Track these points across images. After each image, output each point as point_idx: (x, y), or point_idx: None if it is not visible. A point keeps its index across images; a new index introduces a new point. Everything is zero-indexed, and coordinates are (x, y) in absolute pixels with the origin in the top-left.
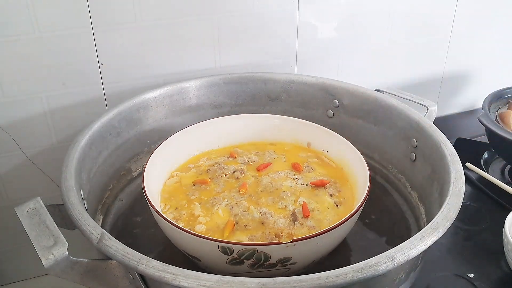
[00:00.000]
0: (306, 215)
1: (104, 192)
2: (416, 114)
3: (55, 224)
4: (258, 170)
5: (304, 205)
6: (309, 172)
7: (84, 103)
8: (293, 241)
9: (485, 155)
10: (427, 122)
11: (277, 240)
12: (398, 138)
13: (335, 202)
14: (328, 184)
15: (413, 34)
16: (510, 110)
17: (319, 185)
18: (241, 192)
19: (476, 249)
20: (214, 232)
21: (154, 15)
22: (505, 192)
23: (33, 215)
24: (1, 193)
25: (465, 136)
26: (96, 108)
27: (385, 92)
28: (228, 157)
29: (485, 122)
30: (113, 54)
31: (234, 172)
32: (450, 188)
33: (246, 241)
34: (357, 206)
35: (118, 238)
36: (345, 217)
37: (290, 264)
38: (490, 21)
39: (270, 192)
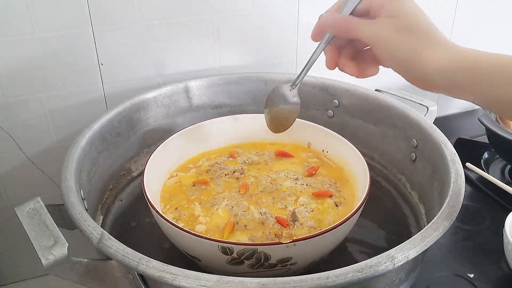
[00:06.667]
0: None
1: (104, 192)
2: (416, 114)
3: (55, 224)
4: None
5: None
6: None
7: (84, 103)
8: (293, 241)
9: (485, 155)
10: (427, 122)
11: (277, 240)
12: (398, 138)
13: (335, 202)
14: (328, 186)
15: None
16: None
17: (324, 195)
18: (241, 192)
19: (476, 249)
20: (214, 232)
21: (154, 15)
22: (505, 192)
23: (33, 215)
24: (1, 193)
25: (465, 136)
26: (96, 108)
27: (385, 92)
28: (228, 157)
29: (485, 122)
30: (113, 54)
31: (234, 172)
32: (450, 188)
33: (246, 241)
34: (357, 206)
35: (118, 238)
36: (345, 217)
37: (290, 264)
38: (490, 21)
39: (270, 192)
